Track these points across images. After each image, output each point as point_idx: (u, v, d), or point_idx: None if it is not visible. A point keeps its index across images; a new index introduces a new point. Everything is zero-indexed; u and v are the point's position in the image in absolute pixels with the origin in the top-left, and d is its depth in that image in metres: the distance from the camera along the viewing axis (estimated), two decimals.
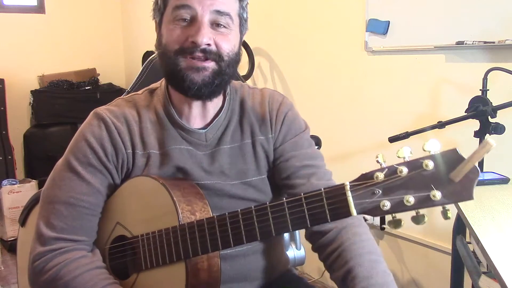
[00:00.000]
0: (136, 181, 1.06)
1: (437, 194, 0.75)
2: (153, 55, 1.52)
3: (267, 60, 2.95)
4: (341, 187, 0.82)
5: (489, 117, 1.61)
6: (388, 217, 0.80)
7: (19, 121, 3.96)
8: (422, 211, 0.78)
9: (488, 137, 0.71)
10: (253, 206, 0.91)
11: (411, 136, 1.80)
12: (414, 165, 0.76)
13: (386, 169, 0.77)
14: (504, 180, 1.55)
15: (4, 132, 3.69)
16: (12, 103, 3.79)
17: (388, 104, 2.32)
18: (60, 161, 1.10)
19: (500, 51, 1.88)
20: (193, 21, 1.02)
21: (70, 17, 4.23)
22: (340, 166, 2.49)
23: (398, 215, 0.79)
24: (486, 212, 1.29)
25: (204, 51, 1.01)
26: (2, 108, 3.69)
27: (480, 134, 1.65)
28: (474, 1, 1.92)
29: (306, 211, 0.86)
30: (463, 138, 1.92)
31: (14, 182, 3.40)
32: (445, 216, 0.76)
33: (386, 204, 0.78)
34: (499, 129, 1.60)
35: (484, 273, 1.37)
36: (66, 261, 1.02)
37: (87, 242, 1.07)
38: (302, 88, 2.75)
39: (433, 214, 0.81)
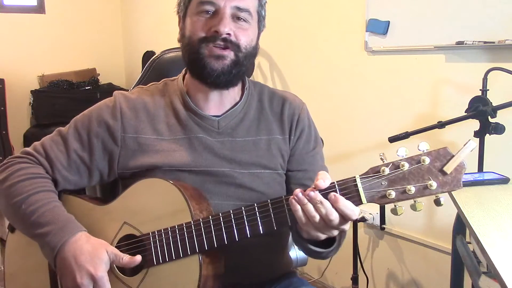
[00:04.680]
0: (145, 183, 1.11)
1: (433, 184, 0.88)
2: (155, 56, 1.52)
3: (267, 60, 2.95)
4: (353, 179, 0.93)
5: (489, 117, 1.61)
6: (391, 207, 0.93)
7: (19, 121, 3.96)
8: (419, 199, 0.91)
9: (471, 140, 0.90)
10: (269, 200, 0.98)
11: (411, 136, 1.80)
12: (414, 160, 0.90)
13: (391, 164, 0.90)
14: (504, 180, 1.55)
15: (4, 132, 3.69)
16: (12, 103, 3.78)
17: (388, 104, 2.32)
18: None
19: (500, 51, 1.88)
20: (216, 13, 1.11)
21: (70, 17, 4.23)
22: (340, 166, 2.50)
23: (399, 204, 0.92)
24: (486, 212, 1.29)
25: (225, 40, 1.10)
26: (2, 108, 3.68)
27: (480, 134, 1.65)
28: (474, 1, 1.92)
29: None
30: (463, 138, 1.92)
31: None
32: (438, 203, 0.89)
33: (392, 194, 0.90)
34: (499, 129, 1.60)
35: (484, 273, 1.37)
36: (23, 166, 1.14)
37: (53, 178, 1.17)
38: (302, 88, 2.75)
39: (433, 214, 0.81)
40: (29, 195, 1.09)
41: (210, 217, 1.02)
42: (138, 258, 1.05)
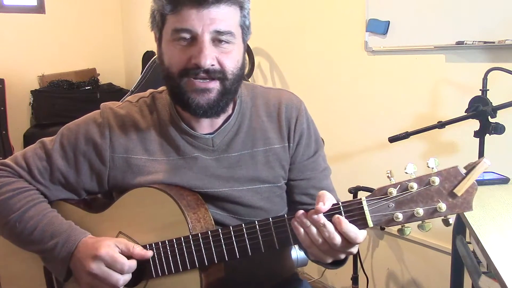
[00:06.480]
0: (139, 192, 1.07)
1: (442, 206, 0.84)
2: (156, 56, 1.52)
3: (267, 60, 2.95)
4: (359, 201, 0.88)
5: (489, 117, 1.61)
6: (397, 226, 0.88)
7: (19, 121, 3.96)
8: (428, 220, 0.87)
9: (484, 158, 0.82)
10: (271, 219, 0.95)
11: (411, 136, 1.80)
12: (423, 181, 0.85)
13: (399, 186, 0.86)
14: (504, 180, 1.55)
15: (4, 132, 3.69)
16: (12, 103, 3.79)
17: (388, 104, 2.32)
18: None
19: (500, 51, 1.88)
20: (194, 40, 1.00)
21: (70, 17, 4.23)
22: (339, 166, 2.50)
23: (407, 224, 0.88)
24: (486, 212, 1.29)
25: (207, 71, 1.00)
26: (2, 108, 3.68)
27: (480, 134, 1.65)
28: (474, 1, 1.92)
29: None
30: (463, 138, 1.92)
31: None
32: (447, 224, 0.85)
33: (399, 216, 0.86)
34: (499, 129, 1.60)
35: (484, 273, 1.37)
36: (9, 181, 1.10)
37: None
38: (302, 88, 2.75)
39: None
40: (22, 212, 1.06)
41: (209, 232, 0.99)
42: (150, 253, 1.02)
